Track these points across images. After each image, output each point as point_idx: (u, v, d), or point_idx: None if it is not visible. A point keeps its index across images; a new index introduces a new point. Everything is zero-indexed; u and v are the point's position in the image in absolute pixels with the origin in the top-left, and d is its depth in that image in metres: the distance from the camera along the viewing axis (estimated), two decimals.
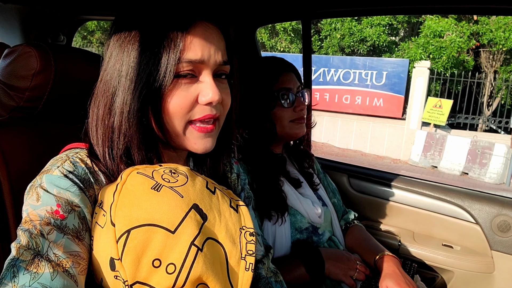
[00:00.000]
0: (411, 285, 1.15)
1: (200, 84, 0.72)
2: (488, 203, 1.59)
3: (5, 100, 0.89)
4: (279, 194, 1.24)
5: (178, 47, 0.67)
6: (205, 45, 0.70)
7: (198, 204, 0.65)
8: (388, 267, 1.21)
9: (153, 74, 0.67)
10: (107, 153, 0.71)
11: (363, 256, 1.33)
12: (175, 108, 0.70)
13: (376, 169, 1.96)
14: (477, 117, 9.33)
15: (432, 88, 9.55)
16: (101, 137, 0.72)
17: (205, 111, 0.72)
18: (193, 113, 0.72)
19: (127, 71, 0.69)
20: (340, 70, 9.74)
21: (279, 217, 1.21)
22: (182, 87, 0.70)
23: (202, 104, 0.71)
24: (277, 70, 1.30)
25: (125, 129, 0.70)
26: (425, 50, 9.25)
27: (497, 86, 9.73)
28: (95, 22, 12.35)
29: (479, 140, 8.07)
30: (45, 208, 0.62)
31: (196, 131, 0.73)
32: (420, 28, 9.76)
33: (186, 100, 0.70)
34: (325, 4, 1.59)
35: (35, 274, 0.55)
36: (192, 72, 0.70)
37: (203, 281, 0.61)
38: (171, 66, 0.67)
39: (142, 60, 0.68)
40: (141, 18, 0.71)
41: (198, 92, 0.71)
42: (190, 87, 0.71)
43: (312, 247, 1.26)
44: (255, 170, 1.23)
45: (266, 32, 11.42)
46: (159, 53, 0.67)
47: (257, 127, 1.28)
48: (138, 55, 0.68)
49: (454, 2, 1.37)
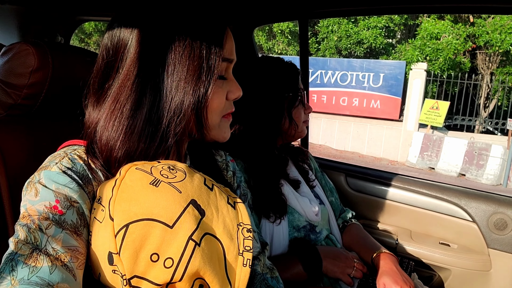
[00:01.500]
0: (408, 282, 1.16)
1: (228, 82, 0.79)
2: (484, 201, 1.60)
3: (3, 97, 0.89)
4: (279, 197, 1.24)
5: (221, 47, 0.73)
6: (233, 45, 0.78)
7: (196, 199, 0.65)
8: (385, 265, 1.21)
9: (203, 71, 0.71)
10: (111, 151, 0.70)
11: (360, 254, 1.34)
12: (217, 105, 0.75)
13: (373, 168, 1.96)
14: (474, 118, 9.37)
15: (429, 90, 9.59)
16: (120, 137, 0.69)
17: (232, 106, 0.81)
18: (226, 108, 0.79)
19: (172, 71, 0.70)
20: (337, 72, 9.77)
21: (277, 218, 1.21)
22: (220, 85, 0.76)
23: (229, 100, 0.79)
24: (295, 71, 1.35)
25: (168, 124, 0.71)
26: (421, 52, 9.29)
27: (494, 88, 9.78)
28: (92, 25, 12.35)
29: (476, 141, 8.11)
30: (43, 203, 0.62)
31: (227, 121, 0.81)
32: (417, 30, 9.82)
33: (223, 97, 0.77)
34: (322, 4, 1.60)
35: (34, 267, 0.55)
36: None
37: (200, 275, 0.61)
38: (217, 65, 0.72)
39: (190, 61, 0.70)
40: (176, 22, 0.71)
41: (228, 89, 0.78)
42: (223, 85, 0.77)
43: (309, 245, 1.26)
44: (255, 169, 1.23)
45: (264, 34, 11.45)
46: (205, 55, 0.71)
47: (268, 125, 1.28)
48: (186, 51, 0.70)
49: (450, 1, 1.38)
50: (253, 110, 1.25)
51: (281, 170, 1.33)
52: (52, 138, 0.85)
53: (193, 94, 0.70)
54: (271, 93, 1.27)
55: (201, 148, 0.92)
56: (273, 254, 1.21)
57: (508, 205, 1.55)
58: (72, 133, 0.79)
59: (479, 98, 9.96)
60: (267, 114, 1.27)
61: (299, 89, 1.33)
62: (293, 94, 1.31)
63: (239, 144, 1.22)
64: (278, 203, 1.22)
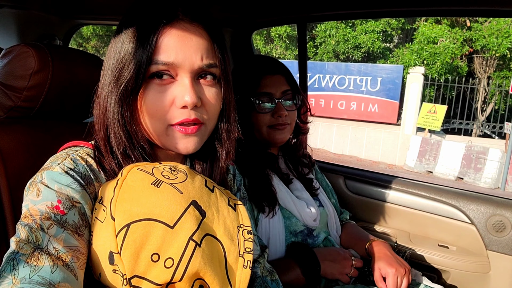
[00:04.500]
0: (403, 265, 1.18)
1: (177, 86, 0.70)
2: (483, 203, 1.60)
3: (3, 99, 0.89)
4: (268, 187, 1.24)
5: (151, 48, 0.67)
6: (180, 47, 0.68)
7: (197, 200, 0.65)
8: (379, 251, 1.24)
9: (129, 73, 0.67)
10: (108, 150, 0.72)
11: (355, 247, 1.35)
12: (151, 109, 0.69)
13: (372, 170, 1.97)
14: (471, 122, 9.40)
15: (427, 94, 9.62)
16: (103, 136, 0.72)
17: (183, 114, 0.70)
18: (172, 116, 0.70)
19: (111, 70, 0.70)
20: (335, 76, 9.79)
21: (270, 210, 1.21)
22: (157, 88, 0.69)
23: (178, 108, 0.69)
24: (260, 73, 1.28)
25: (113, 127, 0.71)
26: (419, 56, 9.33)
27: (491, 92, 9.82)
28: (90, 29, 12.35)
29: (474, 145, 8.12)
30: (45, 203, 0.62)
31: (178, 132, 0.71)
32: (414, 35, 9.86)
33: (161, 102, 0.69)
34: (320, 8, 1.61)
35: (35, 267, 0.55)
36: (168, 73, 0.69)
37: (200, 276, 0.61)
38: (143, 66, 0.67)
39: (122, 60, 0.68)
40: (127, 20, 0.71)
41: (175, 94, 0.69)
42: (167, 89, 0.69)
43: (307, 249, 1.26)
44: (244, 165, 1.21)
45: (261, 38, 11.48)
46: (135, 53, 0.67)
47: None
48: (120, 55, 0.69)
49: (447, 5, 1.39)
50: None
51: (268, 163, 1.32)
52: (52, 140, 0.85)
53: (121, 93, 0.69)
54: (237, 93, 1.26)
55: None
56: (270, 259, 1.20)
57: (506, 207, 1.56)
58: (72, 135, 0.79)
59: (476, 102, 9.99)
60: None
61: (263, 93, 1.25)
62: (247, 97, 1.24)
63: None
64: (268, 193, 1.23)
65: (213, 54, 0.73)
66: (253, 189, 1.21)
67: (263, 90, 1.26)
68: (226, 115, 0.80)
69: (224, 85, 0.77)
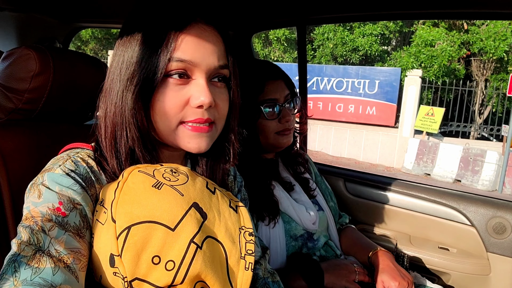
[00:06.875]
0: (406, 277, 1.17)
1: (192, 86, 0.71)
2: (483, 206, 1.60)
3: (4, 102, 0.89)
4: (270, 198, 1.23)
5: (171, 46, 0.68)
6: (198, 47, 0.70)
7: (198, 203, 0.65)
8: (382, 262, 1.23)
9: (145, 72, 0.68)
10: (113, 151, 0.72)
11: (357, 255, 1.34)
12: (165, 107, 0.70)
13: (371, 173, 1.97)
14: (469, 125, 9.42)
15: (424, 97, 9.65)
16: (109, 136, 0.72)
17: (197, 114, 0.71)
18: (184, 114, 0.71)
19: (125, 68, 0.70)
20: (333, 79, 9.81)
21: (271, 220, 1.20)
22: (173, 87, 0.70)
23: (193, 107, 0.71)
24: (263, 79, 1.26)
25: (125, 127, 0.70)
26: (416, 59, 9.37)
27: (488, 94, 9.85)
28: (89, 32, 12.37)
29: (471, 147, 8.14)
30: (46, 205, 0.62)
31: (188, 131, 0.72)
32: (412, 38, 9.90)
33: (177, 101, 0.70)
34: (320, 11, 1.61)
35: (37, 269, 0.54)
36: (184, 72, 0.70)
37: (201, 278, 0.61)
38: (162, 65, 0.67)
39: (138, 58, 0.69)
40: (141, 18, 0.72)
41: (190, 94, 0.70)
42: (182, 88, 0.70)
43: (310, 259, 1.24)
44: (246, 174, 1.21)
45: (260, 41, 11.50)
46: (152, 51, 0.68)
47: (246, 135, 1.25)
48: (134, 53, 0.69)
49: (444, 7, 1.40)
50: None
51: (271, 172, 1.31)
52: (53, 142, 0.85)
53: (137, 92, 0.69)
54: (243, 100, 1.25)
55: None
56: (271, 266, 1.19)
57: (506, 209, 1.56)
58: (73, 137, 0.79)
59: (474, 104, 10.02)
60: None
61: (268, 100, 1.24)
62: (253, 104, 1.23)
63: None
64: (270, 204, 1.22)
65: (225, 56, 0.75)
66: (254, 199, 1.18)
67: (269, 97, 1.24)
68: (233, 116, 0.82)
69: (234, 86, 0.79)
